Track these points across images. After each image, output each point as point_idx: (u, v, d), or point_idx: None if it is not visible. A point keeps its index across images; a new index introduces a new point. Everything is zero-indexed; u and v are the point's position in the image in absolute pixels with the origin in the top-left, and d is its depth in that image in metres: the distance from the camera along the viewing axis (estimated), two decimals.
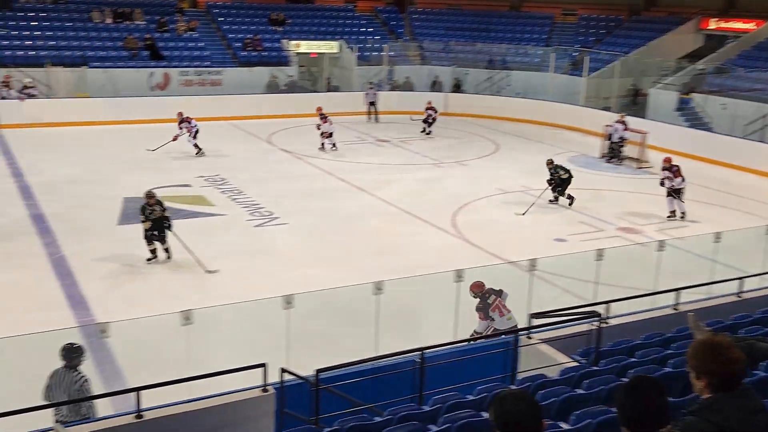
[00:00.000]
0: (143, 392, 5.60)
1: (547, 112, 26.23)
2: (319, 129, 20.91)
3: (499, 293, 8.97)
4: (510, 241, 13.86)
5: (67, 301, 10.58)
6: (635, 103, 26.38)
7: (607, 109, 25.13)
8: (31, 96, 22.92)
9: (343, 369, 6.39)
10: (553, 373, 6.43)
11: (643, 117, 23.65)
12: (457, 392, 5.97)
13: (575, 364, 6.71)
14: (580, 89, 26.73)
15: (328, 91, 28.78)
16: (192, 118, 19.72)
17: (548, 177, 16.03)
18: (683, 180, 15.27)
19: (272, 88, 27.16)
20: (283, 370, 6.25)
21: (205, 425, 5.80)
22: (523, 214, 15.38)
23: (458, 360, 7.07)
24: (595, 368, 6.32)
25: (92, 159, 19.14)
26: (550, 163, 16.24)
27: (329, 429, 5.34)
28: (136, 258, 12.19)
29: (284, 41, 28.82)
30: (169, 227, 12.12)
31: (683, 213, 15.32)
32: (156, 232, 12.05)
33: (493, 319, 8.80)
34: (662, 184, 15.41)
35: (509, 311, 8.86)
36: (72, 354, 6.71)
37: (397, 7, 33.46)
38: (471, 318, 9.03)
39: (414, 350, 6.64)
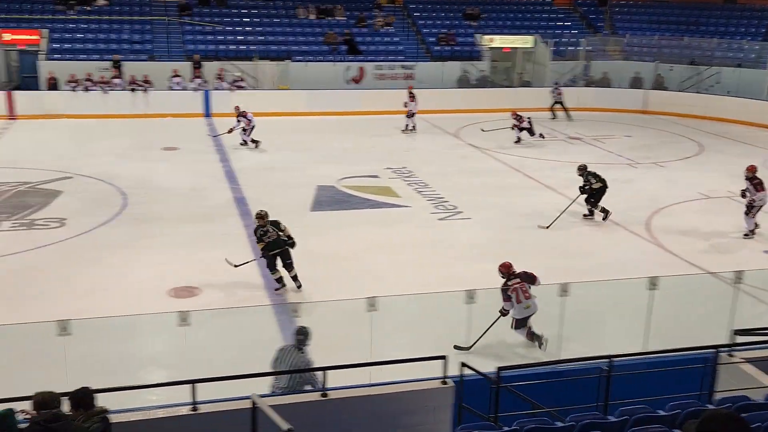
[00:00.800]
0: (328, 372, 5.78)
1: (761, 113, 23.96)
2: (405, 106, 22.14)
3: (531, 280, 9.00)
4: (711, 250, 12.82)
5: (263, 280, 11.21)
6: None
7: None
8: (240, 88, 24.67)
9: (524, 369, 6.22)
10: (758, 396, 5.83)
11: None
12: (646, 405, 5.58)
13: None
14: None
15: (520, 86, 28.31)
16: (249, 113, 20.00)
17: (581, 184, 14.23)
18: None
19: (463, 82, 27.20)
20: (463, 365, 6.20)
21: (385, 410, 5.89)
22: (547, 227, 13.78)
23: (648, 372, 6.62)
24: None
25: (290, 148, 20.23)
26: (582, 169, 14.36)
27: (508, 429, 5.21)
28: (324, 243, 12.67)
29: (477, 36, 28.72)
30: (291, 245, 10.79)
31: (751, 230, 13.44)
32: (279, 257, 10.76)
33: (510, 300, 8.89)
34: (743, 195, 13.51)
35: (529, 298, 8.88)
36: (301, 335, 7.07)
37: (597, 0, 32.16)
38: (665, 328, 8.46)
39: (601, 357, 6.32)
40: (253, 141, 20.02)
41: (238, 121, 19.88)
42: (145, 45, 26.03)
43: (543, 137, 21.26)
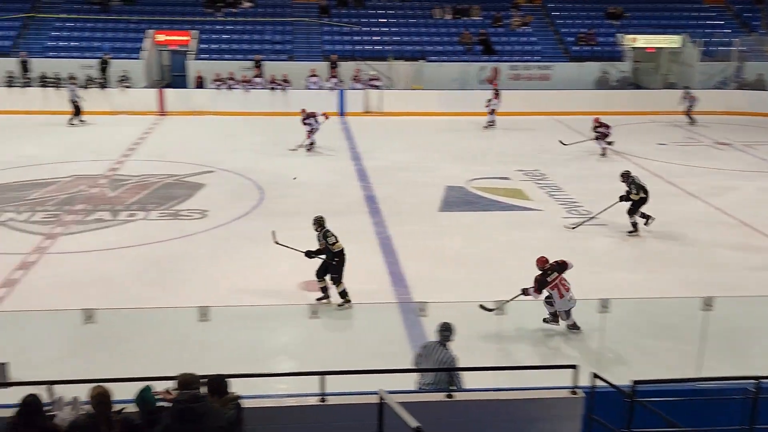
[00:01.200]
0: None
1: None
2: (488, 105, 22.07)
3: (563, 268, 9.07)
4: None
5: (390, 277, 11.30)
6: None
7: None
8: (375, 87, 25.06)
9: (661, 385, 5.87)
10: None
11: None
12: None
13: None
14: None
15: (664, 88, 26.98)
16: (318, 114, 19.55)
17: (623, 192, 13.22)
18: None
19: (602, 84, 26.26)
20: (595, 376, 5.94)
21: (512, 416, 5.75)
22: (574, 227, 13.46)
23: None
24: None
25: (421, 148, 20.30)
26: (625, 176, 13.35)
27: None
28: (451, 245, 12.59)
29: (619, 35, 27.65)
30: (330, 261, 10.07)
31: None
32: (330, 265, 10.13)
33: (551, 296, 8.94)
34: None
35: (568, 290, 8.94)
36: (446, 331, 7.05)
37: None
38: None
39: (748, 378, 5.87)
40: (311, 144, 19.51)
41: (305, 123, 19.38)
42: (285, 45, 26.99)
43: (610, 144, 19.37)
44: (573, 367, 5.84)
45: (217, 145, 20.27)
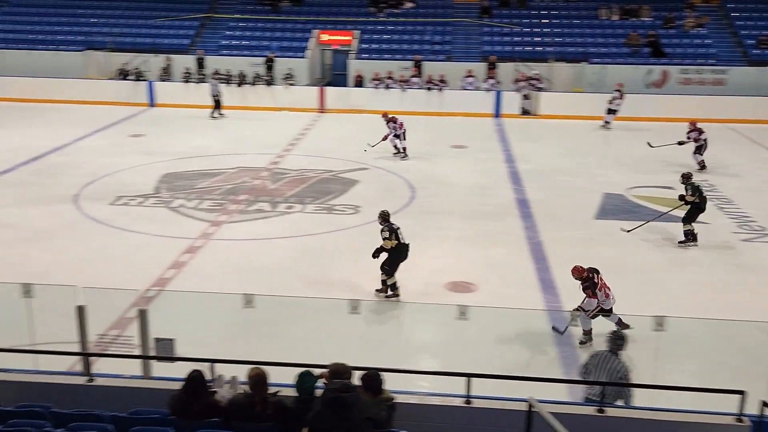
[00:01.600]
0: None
1: None
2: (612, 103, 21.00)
3: (596, 271, 8.96)
4: None
5: (539, 283, 11.02)
6: None
7: None
8: (538, 89, 24.55)
9: None
10: None
11: None
12: None
13: None
14: None
15: None
16: (398, 119, 18.72)
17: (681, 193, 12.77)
18: None
19: None
20: (765, 404, 5.47)
21: None
22: (629, 231, 12.95)
23: None
24: None
25: (578, 152, 19.66)
26: (685, 177, 12.91)
27: None
28: (606, 254, 12.09)
29: None
30: (380, 254, 10.16)
31: None
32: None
33: (598, 298, 8.81)
34: None
35: (610, 289, 8.95)
36: (619, 340, 6.86)
37: None
38: None
39: None
40: (404, 149, 18.90)
41: (389, 127, 18.83)
42: (444, 46, 27.08)
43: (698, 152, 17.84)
44: (740, 392, 5.42)
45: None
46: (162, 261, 11.58)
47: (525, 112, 24.50)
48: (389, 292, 10.20)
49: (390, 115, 19.03)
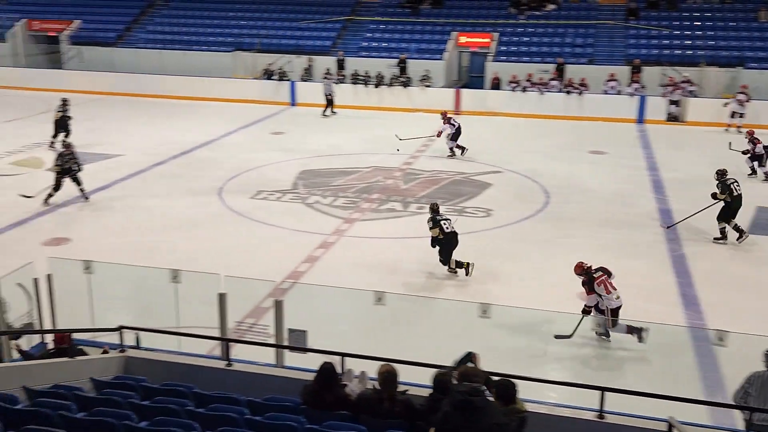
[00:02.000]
0: None
1: None
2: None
3: (607, 272, 9.01)
4: None
5: (681, 299, 10.47)
6: None
7: None
8: (689, 94, 23.32)
9: None
10: None
11: None
12: None
13: None
14: None
15: None
16: (453, 118, 19.02)
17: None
18: None
19: None
20: None
21: None
22: (668, 227, 13.07)
23: None
24: None
25: (727, 161, 18.43)
26: (720, 174, 12.89)
27: None
28: (757, 272, 11.27)
29: None
30: (434, 246, 11.15)
31: None
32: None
33: (600, 295, 8.85)
34: None
35: (615, 289, 8.93)
36: None
37: None
38: None
39: None
40: (459, 147, 18.94)
41: (450, 126, 18.83)
42: (587, 49, 26.29)
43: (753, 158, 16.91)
44: None
45: (506, 146, 20.42)
46: (296, 255, 11.96)
47: (672, 118, 23.32)
48: (456, 270, 11.12)
49: (449, 115, 19.28)
